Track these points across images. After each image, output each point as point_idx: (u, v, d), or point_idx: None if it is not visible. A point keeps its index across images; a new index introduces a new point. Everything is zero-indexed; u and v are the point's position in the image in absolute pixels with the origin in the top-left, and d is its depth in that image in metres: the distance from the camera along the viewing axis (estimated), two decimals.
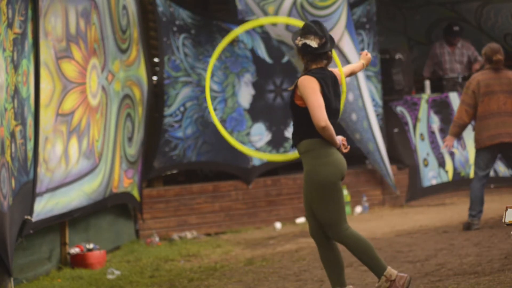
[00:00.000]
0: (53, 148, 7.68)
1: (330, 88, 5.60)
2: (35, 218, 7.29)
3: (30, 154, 7.20)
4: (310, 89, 5.51)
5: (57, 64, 7.80)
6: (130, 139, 9.53)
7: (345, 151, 5.64)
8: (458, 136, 8.94)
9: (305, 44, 5.62)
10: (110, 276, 7.54)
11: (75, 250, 8.11)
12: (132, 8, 9.69)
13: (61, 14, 7.92)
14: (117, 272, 7.66)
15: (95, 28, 8.65)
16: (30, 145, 7.22)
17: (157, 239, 9.61)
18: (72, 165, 8.04)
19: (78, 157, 8.17)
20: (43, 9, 7.44)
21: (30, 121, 7.23)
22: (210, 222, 10.42)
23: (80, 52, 8.30)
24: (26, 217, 7.12)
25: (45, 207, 7.48)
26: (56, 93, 7.79)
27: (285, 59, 10.95)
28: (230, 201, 10.52)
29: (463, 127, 8.83)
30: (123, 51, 9.38)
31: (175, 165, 10.57)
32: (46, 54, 7.56)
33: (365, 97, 10.80)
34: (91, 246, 8.20)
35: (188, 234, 9.99)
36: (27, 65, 7.15)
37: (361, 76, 10.76)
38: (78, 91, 8.21)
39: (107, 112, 8.90)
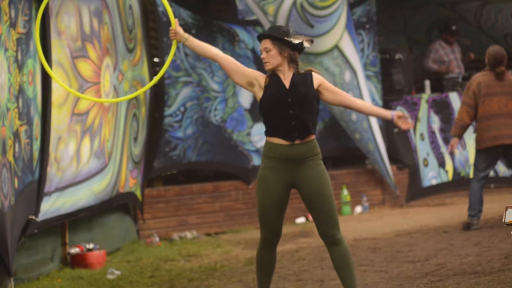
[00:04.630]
0: (66, 148, 7.68)
1: None
2: (41, 217, 7.28)
3: (36, 154, 7.19)
4: None
5: (73, 64, 7.80)
6: (135, 139, 9.55)
7: None
8: (461, 137, 8.94)
9: (301, 43, 5.54)
10: (110, 276, 7.54)
11: (75, 250, 8.10)
12: (136, 7, 9.70)
13: (74, 13, 7.92)
14: (117, 272, 7.66)
15: (107, 27, 8.66)
16: (36, 145, 7.21)
17: (157, 239, 9.61)
18: (82, 164, 8.04)
19: (89, 156, 8.18)
20: (54, 8, 7.43)
21: (37, 120, 7.22)
22: (210, 222, 10.42)
23: (95, 51, 8.30)
24: (30, 217, 7.11)
25: (52, 206, 7.48)
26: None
27: None
28: (230, 201, 10.52)
29: (465, 128, 8.84)
30: (130, 51, 9.40)
31: (175, 165, 10.57)
32: (60, 53, 7.55)
33: (365, 97, 10.79)
34: (91, 246, 8.20)
35: (188, 234, 9.99)
36: (33, 64, 7.14)
37: (361, 76, 10.77)
38: (93, 91, 8.22)
39: (117, 112, 8.91)
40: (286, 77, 5.47)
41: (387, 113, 5.56)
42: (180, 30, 5.60)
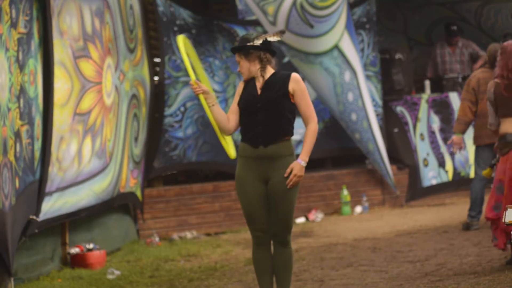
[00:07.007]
0: (68, 148, 7.68)
1: None
2: (42, 217, 7.27)
3: (37, 154, 7.19)
4: (305, 87, 5.53)
5: (75, 63, 7.80)
6: (136, 139, 9.55)
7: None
8: (464, 133, 8.78)
9: (266, 40, 5.52)
10: (110, 276, 7.54)
11: (75, 250, 8.11)
12: (136, 7, 9.70)
13: (76, 13, 7.93)
14: (117, 272, 7.66)
15: (108, 27, 8.67)
16: (37, 144, 7.21)
17: (157, 239, 9.61)
18: (84, 164, 8.04)
19: (91, 156, 8.18)
20: (55, 8, 7.44)
21: (38, 120, 7.22)
22: (210, 222, 10.42)
23: (96, 51, 8.31)
24: (31, 217, 7.11)
25: (53, 206, 7.48)
26: (74, 92, 7.78)
27: (286, 59, 10.96)
28: (230, 201, 10.52)
29: (468, 124, 8.73)
30: (131, 51, 9.41)
31: (175, 165, 10.57)
32: (62, 53, 7.56)
33: (365, 97, 10.80)
34: (91, 246, 8.20)
35: (188, 234, 9.99)
36: (34, 64, 7.14)
37: (361, 76, 10.77)
38: (95, 91, 8.23)
39: (119, 112, 8.92)
40: (262, 81, 5.56)
41: (301, 158, 5.46)
42: (206, 89, 5.78)
